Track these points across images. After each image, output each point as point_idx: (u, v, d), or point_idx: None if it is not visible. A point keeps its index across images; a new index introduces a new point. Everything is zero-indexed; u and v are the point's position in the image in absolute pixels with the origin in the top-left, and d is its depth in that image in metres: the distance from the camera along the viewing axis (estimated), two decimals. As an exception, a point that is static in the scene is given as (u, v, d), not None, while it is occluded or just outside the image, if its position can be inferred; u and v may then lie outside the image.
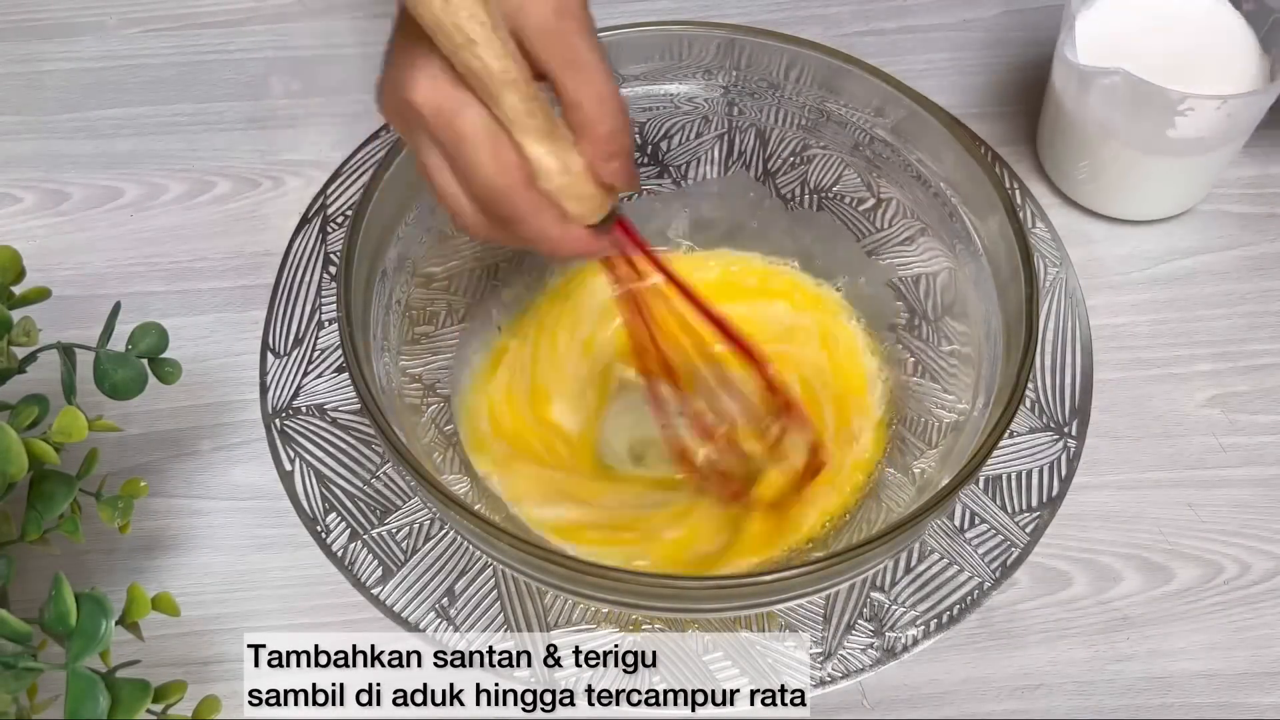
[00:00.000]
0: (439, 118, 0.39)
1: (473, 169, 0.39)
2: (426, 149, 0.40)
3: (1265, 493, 0.54)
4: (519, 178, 0.40)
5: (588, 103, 0.40)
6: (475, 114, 0.38)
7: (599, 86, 0.40)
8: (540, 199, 0.41)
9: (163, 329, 0.49)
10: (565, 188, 0.41)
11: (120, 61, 0.69)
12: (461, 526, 0.43)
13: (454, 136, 0.39)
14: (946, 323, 0.54)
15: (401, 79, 0.39)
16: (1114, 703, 0.49)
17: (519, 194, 0.40)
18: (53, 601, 0.40)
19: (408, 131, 0.41)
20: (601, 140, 0.41)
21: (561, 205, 0.41)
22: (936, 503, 0.42)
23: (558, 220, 0.42)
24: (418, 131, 0.40)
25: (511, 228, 0.41)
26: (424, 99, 0.38)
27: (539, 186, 0.40)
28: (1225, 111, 0.54)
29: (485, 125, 0.39)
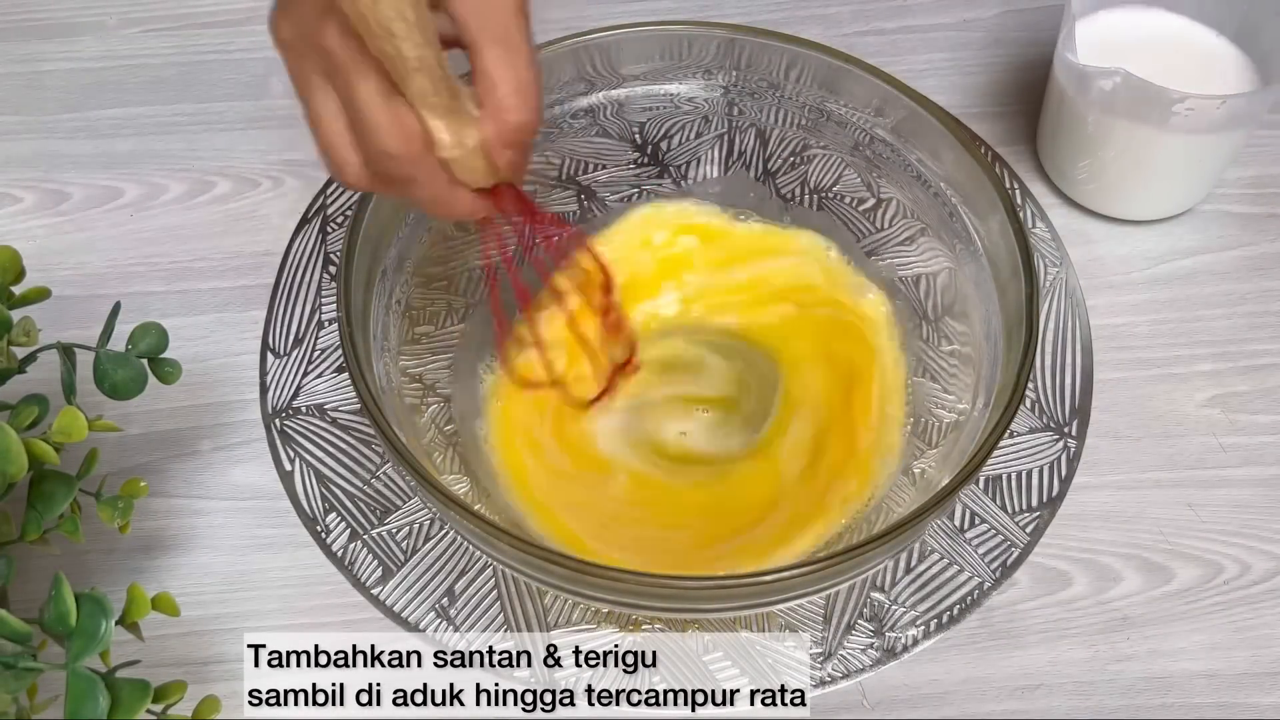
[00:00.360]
0: (342, 72, 0.38)
1: (372, 130, 0.39)
2: (321, 93, 0.39)
3: (1265, 493, 0.54)
4: (419, 145, 0.39)
5: (504, 86, 0.40)
6: (377, 79, 0.38)
7: (521, 72, 0.40)
8: (434, 166, 0.40)
9: (163, 329, 0.49)
10: (456, 160, 0.41)
11: (120, 61, 0.69)
12: (461, 526, 0.43)
13: (357, 96, 0.38)
14: (946, 323, 0.54)
15: (309, 16, 0.38)
16: (1114, 703, 0.49)
17: (417, 160, 0.40)
18: (53, 601, 0.40)
19: (300, 65, 0.39)
20: (508, 128, 0.40)
21: (449, 171, 0.41)
22: (936, 503, 0.42)
23: (447, 184, 0.42)
24: (312, 74, 0.39)
25: (401, 188, 0.41)
26: (333, 46, 0.37)
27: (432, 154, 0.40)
28: (1225, 111, 0.54)
29: (387, 91, 0.38)
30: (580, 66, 0.56)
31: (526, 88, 0.40)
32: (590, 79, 0.56)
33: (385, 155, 0.39)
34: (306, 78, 0.39)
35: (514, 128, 0.40)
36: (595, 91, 0.57)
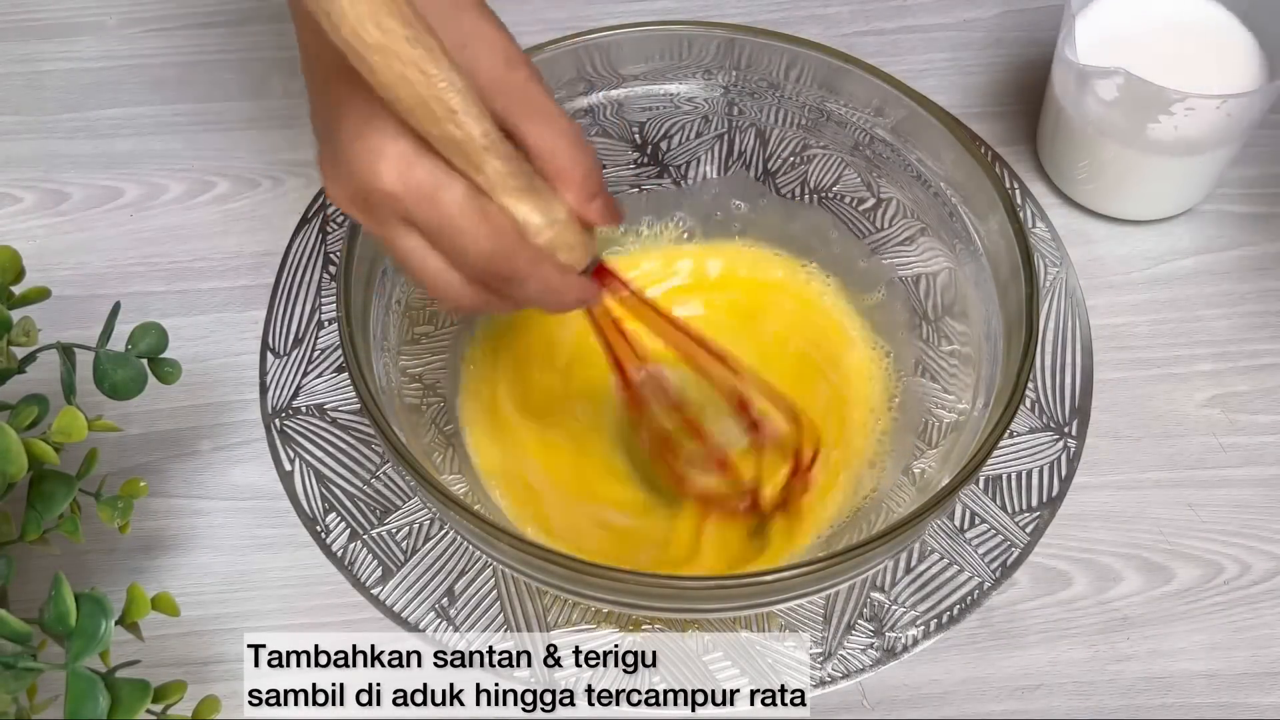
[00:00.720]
0: (419, 201, 0.37)
1: (467, 243, 0.38)
2: (402, 234, 0.39)
3: (1265, 493, 0.54)
4: (515, 239, 0.39)
5: (560, 149, 0.40)
6: (458, 188, 0.37)
7: (565, 130, 0.40)
8: (538, 253, 0.40)
9: (162, 329, 0.49)
10: (554, 239, 0.40)
11: (120, 61, 0.69)
12: (461, 526, 0.43)
13: (439, 216, 0.37)
14: (946, 323, 0.54)
15: (363, 167, 0.37)
16: (1114, 703, 0.49)
17: (518, 254, 0.39)
18: (53, 601, 0.40)
19: (373, 218, 0.39)
20: (580, 183, 0.40)
21: (553, 258, 0.41)
22: (936, 503, 0.42)
23: (558, 270, 0.41)
24: (388, 218, 0.38)
25: (513, 290, 0.40)
26: (398, 184, 0.37)
27: (532, 243, 0.40)
28: (1225, 111, 0.54)
29: (470, 197, 0.37)
30: (580, 66, 0.56)
31: (576, 140, 0.40)
32: (590, 79, 0.56)
33: (484, 260, 0.38)
34: (381, 224, 0.39)
35: (585, 178, 0.40)
36: (595, 91, 0.57)
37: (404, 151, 0.36)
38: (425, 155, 0.37)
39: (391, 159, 0.36)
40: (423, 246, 0.39)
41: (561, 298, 0.42)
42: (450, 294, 0.40)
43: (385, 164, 0.37)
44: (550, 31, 0.57)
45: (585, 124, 0.58)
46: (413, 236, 0.39)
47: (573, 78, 0.56)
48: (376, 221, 0.39)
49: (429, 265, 0.39)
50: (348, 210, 0.39)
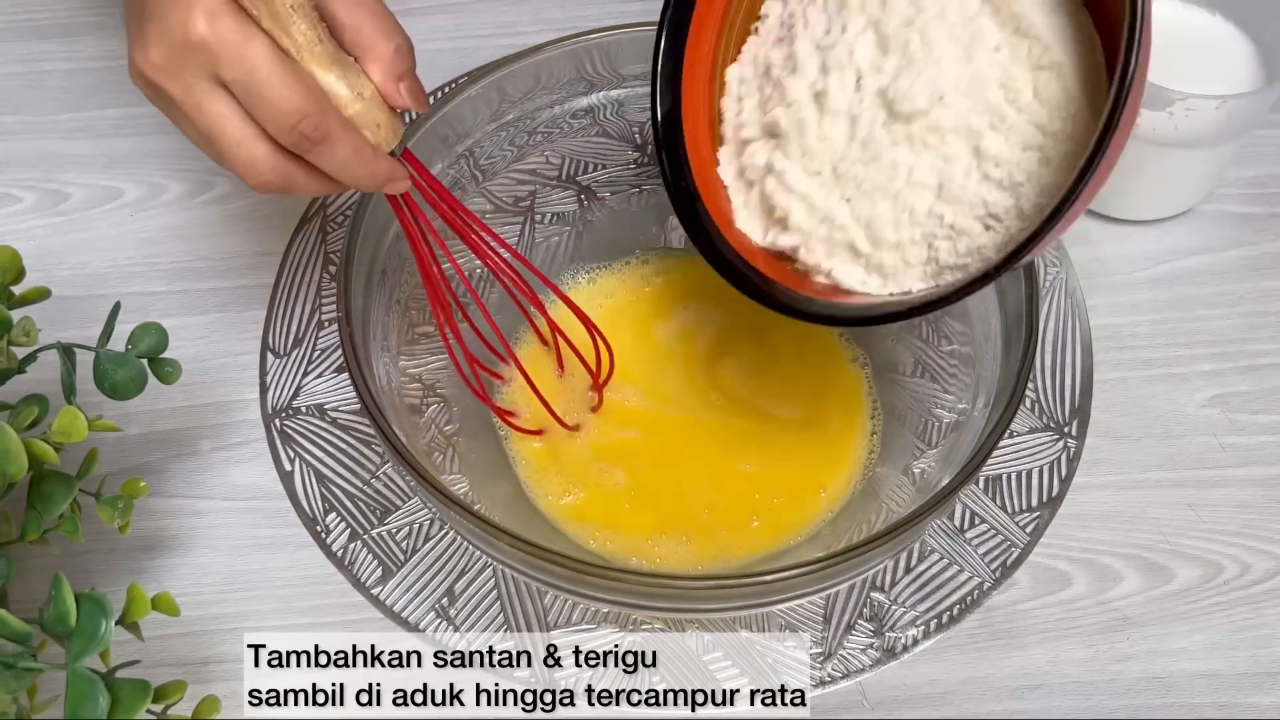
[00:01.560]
0: (226, 51, 0.37)
1: (275, 98, 0.38)
2: (211, 96, 0.38)
3: (1265, 493, 0.54)
4: (323, 98, 0.39)
5: (366, 25, 0.40)
6: (264, 43, 0.37)
7: (374, 8, 0.40)
8: (344, 121, 0.40)
9: (162, 329, 0.49)
10: (360, 114, 0.40)
11: (120, 61, 0.68)
12: (461, 526, 0.43)
13: (247, 68, 0.37)
14: (946, 323, 0.54)
15: (172, 21, 0.37)
16: (1114, 703, 0.49)
17: (329, 114, 0.39)
18: (53, 601, 0.40)
19: (180, 81, 0.38)
20: (388, 59, 0.40)
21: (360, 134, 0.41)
22: (936, 503, 0.42)
23: (364, 141, 0.41)
24: (197, 77, 0.38)
25: (322, 156, 0.40)
26: (208, 32, 0.37)
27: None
28: (1225, 112, 0.54)
29: (277, 54, 0.38)
30: (580, 66, 0.56)
31: (384, 16, 0.40)
32: (590, 79, 0.56)
33: (294, 116, 0.38)
34: (189, 87, 0.38)
35: (393, 54, 0.40)
36: (595, 91, 0.57)
37: (214, 5, 0.37)
38: (235, 11, 0.37)
39: (201, 9, 0.37)
40: (230, 111, 0.39)
41: (372, 169, 0.42)
42: (257, 165, 0.40)
43: (195, 14, 0.37)
44: (550, 31, 0.57)
45: (585, 124, 0.58)
46: (221, 99, 0.38)
47: (573, 78, 0.56)
48: (182, 84, 0.38)
49: (234, 131, 0.39)
50: (153, 79, 0.38)
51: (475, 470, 0.54)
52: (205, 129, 0.39)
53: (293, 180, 0.41)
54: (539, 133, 0.57)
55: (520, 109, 0.56)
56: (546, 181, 0.59)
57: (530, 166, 0.58)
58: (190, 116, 0.39)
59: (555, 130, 0.57)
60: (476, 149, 0.56)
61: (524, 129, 0.57)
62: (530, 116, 0.56)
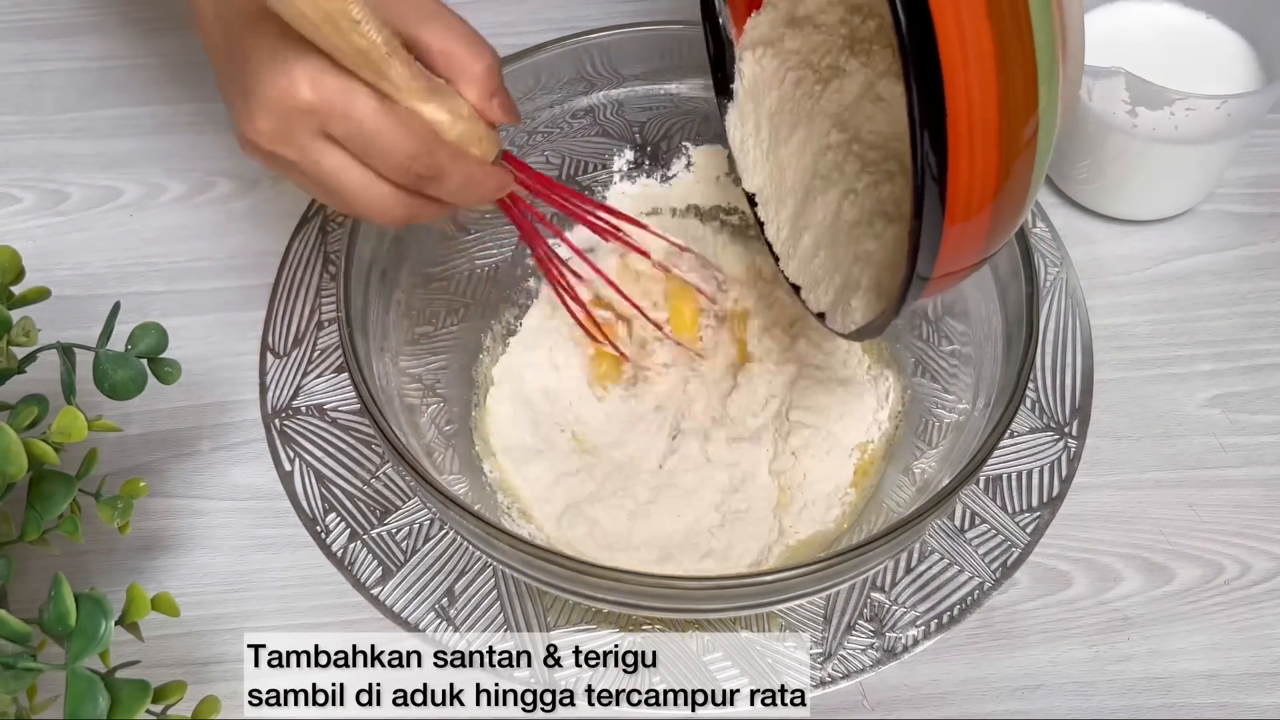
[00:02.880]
0: (333, 110, 0.38)
1: (388, 145, 0.39)
2: (324, 152, 0.40)
3: (1266, 493, 0.54)
4: (433, 136, 0.40)
5: (457, 47, 0.41)
6: (366, 94, 0.38)
7: (460, 30, 0.41)
8: (454, 150, 0.41)
9: (162, 329, 0.49)
10: (463, 135, 0.42)
11: (120, 61, 0.69)
12: (461, 526, 0.43)
13: (355, 122, 0.39)
14: (946, 323, 0.54)
15: (277, 89, 0.38)
16: (1114, 703, 0.49)
17: (439, 150, 0.41)
18: (52, 601, 0.40)
19: (292, 143, 0.40)
20: (480, 78, 0.42)
21: (468, 151, 0.42)
22: (936, 503, 0.42)
23: (478, 161, 0.43)
24: (308, 138, 0.39)
25: (438, 187, 0.42)
26: (313, 95, 0.38)
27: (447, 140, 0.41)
28: (1225, 111, 0.54)
29: (380, 100, 0.39)
30: (580, 66, 0.56)
31: (473, 38, 0.42)
32: (590, 79, 0.56)
33: (408, 160, 0.40)
34: (304, 149, 0.40)
35: (485, 73, 0.42)
36: (595, 91, 0.57)
37: (313, 67, 0.38)
38: (334, 69, 0.38)
39: (302, 74, 0.38)
40: (346, 162, 0.40)
41: (483, 187, 0.44)
42: (379, 205, 0.41)
43: (297, 80, 0.38)
44: (550, 31, 0.57)
45: (585, 124, 0.58)
46: (334, 153, 0.40)
47: (573, 78, 0.56)
48: (296, 147, 0.40)
49: (355, 179, 0.40)
50: (267, 148, 0.40)
51: (475, 470, 0.54)
52: (326, 182, 0.41)
53: (419, 211, 0.43)
54: (539, 133, 0.57)
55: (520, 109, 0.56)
56: (546, 181, 0.59)
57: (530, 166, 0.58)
58: (309, 174, 0.41)
59: (555, 130, 0.57)
60: (476, 149, 0.56)
61: (524, 129, 0.57)
62: (530, 116, 0.56)
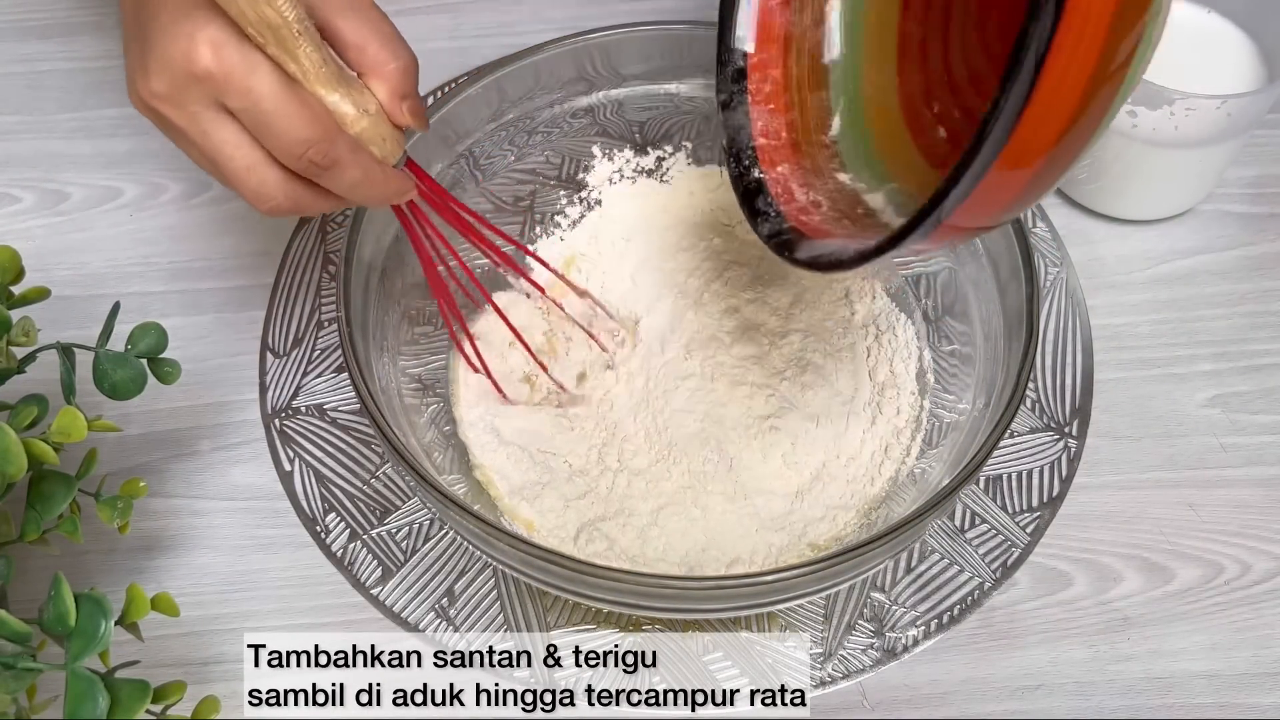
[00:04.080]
0: (231, 81, 0.37)
1: (283, 127, 0.38)
2: (217, 124, 0.38)
3: (1266, 493, 0.54)
4: (333, 124, 0.39)
5: (373, 42, 0.40)
6: (269, 70, 0.37)
7: (380, 25, 0.40)
8: (353, 142, 0.40)
9: (162, 329, 0.49)
10: (366, 131, 0.41)
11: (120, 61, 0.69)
12: (461, 526, 0.43)
13: (254, 98, 0.37)
14: (946, 323, 0.54)
15: (177, 52, 0.37)
16: (1114, 703, 0.49)
17: (336, 139, 0.39)
18: (52, 601, 0.40)
19: (185, 111, 0.38)
20: (394, 77, 0.41)
21: (368, 149, 0.41)
22: (936, 503, 0.42)
23: (373, 160, 0.41)
24: (203, 107, 0.38)
25: (331, 179, 0.40)
26: (213, 62, 0.37)
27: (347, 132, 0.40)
28: (1225, 111, 0.54)
29: (283, 80, 0.38)
30: (580, 66, 0.56)
31: (392, 36, 0.41)
32: (590, 79, 0.56)
33: (303, 145, 0.38)
34: (194, 116, 0.38)
35: (400, 73, 0.41)
36: (595, 91, 0.57)
37: (218, 35, 0.37)
38: (238, 39, 0.37)
39: (205, 40, 0.37)
40: (237, 137, 0.39)
41: (381, 188, 0.42)
42: (266, 190, 0.40)
43: (200, 45, 0.37)
44: (550, 31, 0.57)
45: (585, 124, 0.58)
46: (227, 126, 0.39)
47: (573, 78, 0.56)
48: (187, 113, 0.38)
49: (244, 158, 0.39)
50: (158, 108, 0.39)
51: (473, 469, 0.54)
52: (212, 155, 0.39)
53: (303, 203, 0.41)
54: (539, 133, 0.57)
55: (520, 109, 0.56)
56: (546, 181, 0.59)
57: (530, 166, 0.58)
58: (196, 143, 0.39)
59: (555, 130, 0.58)
60: (476, 149, 0.56)
61: (524, 129, 0.57)
62: (530, 116, 0.56)
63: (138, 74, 0.39)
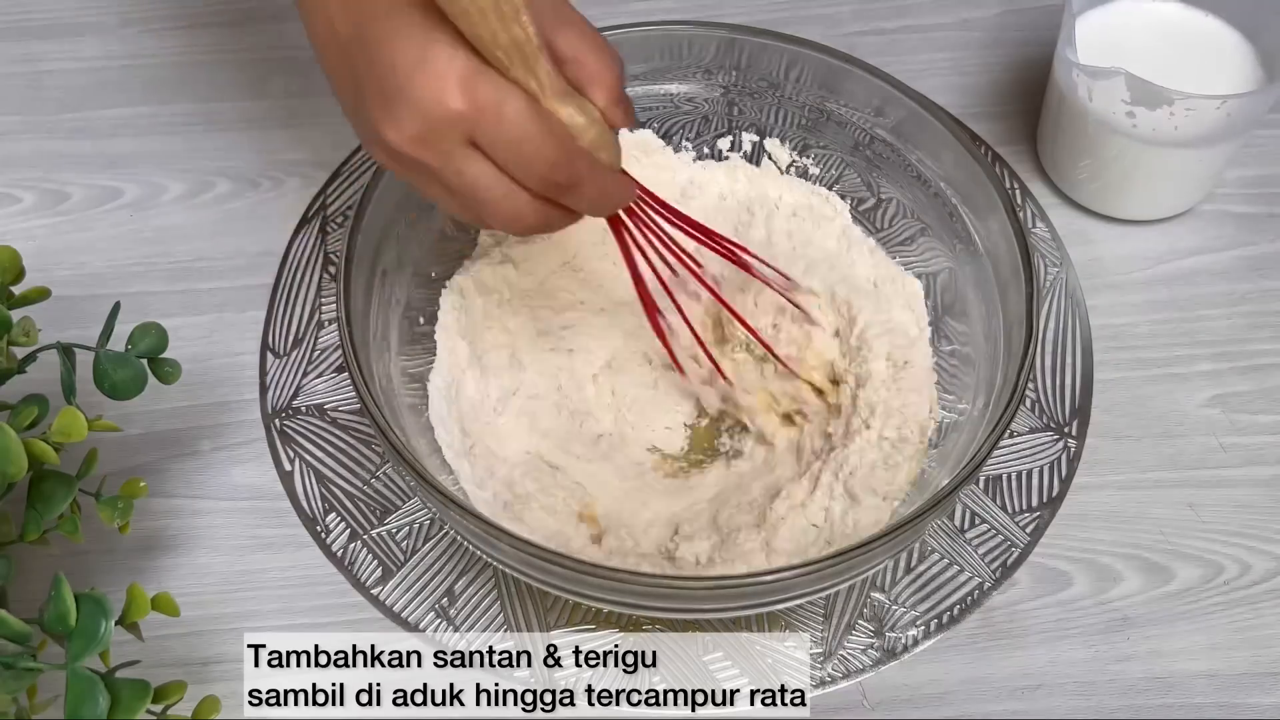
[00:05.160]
0: (486, 115, 0.38)
1: (532, 153, 0.39)
2: (468, 160, 0.39)
3: (1266, 493, 0.54)
4: (573, 144, 0.40)
5: (590, 55, 0.41)
6: (521, 98, 0.38)
7: (593, 37, 0.41)
8: (590, 159, 0.41)
9: (162, 329, 0.49)
10: (595, 139, 0.41)
11: (120, 61, 0.69)
12: (461, 526, 0.43)
13: (506, 130, 0.38)
14: (946, 323, 0.54)
15: (429, 95, 0.37)
16: (1114, 703, 0.49)
17: (578, 160, 0.40)
18: (53, 601, 0.40)
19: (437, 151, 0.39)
20: (611, 86, 0.41)
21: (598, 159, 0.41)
22: (936, 503, 0.42)
23: (609, 170, 0.42)
24: (453, 146, 0.38)
25: (575, 195, 0.41)
26: (467, 102, 0.37)
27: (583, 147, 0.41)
28: (1225, 111, 0.54)
29: (531, 105, 0.38)
30: (580, 66, 0.56)
31: (605, 47, 0.42)
32: (590, 79, 0.56)
33: (550, 168, 0.39)
34: (448, 155, 0.39)
35: (614, 82, 0.41)
36: (595, 91, 0.57)
37: (465, 70, 0.37)
38: (485, 71, 0.37)
39: (455, 79, 0.37)
40: (488, 170, 0.39)
41: (614, 197, 0.43)
42: (517, 214, 0.41)
43: (451, 85, 0.37)
44: (550, 31, 0.56)
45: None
46: (478, 161, 0.39)
47: (573, 78, 0.56)
48: (440, 153, 0.39)
49: (498, 189, 0.40)
50: (412, 153, 0.39)
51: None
52: (468, 191, 0.40)
53: (551, 221, 0.42)
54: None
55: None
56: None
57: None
58: (450, 182, 0.40)
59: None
60: (477, 149, 0.56)
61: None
62: (530, 116, 0.56)
63: (385, 121, 0.39)
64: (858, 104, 0.55)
